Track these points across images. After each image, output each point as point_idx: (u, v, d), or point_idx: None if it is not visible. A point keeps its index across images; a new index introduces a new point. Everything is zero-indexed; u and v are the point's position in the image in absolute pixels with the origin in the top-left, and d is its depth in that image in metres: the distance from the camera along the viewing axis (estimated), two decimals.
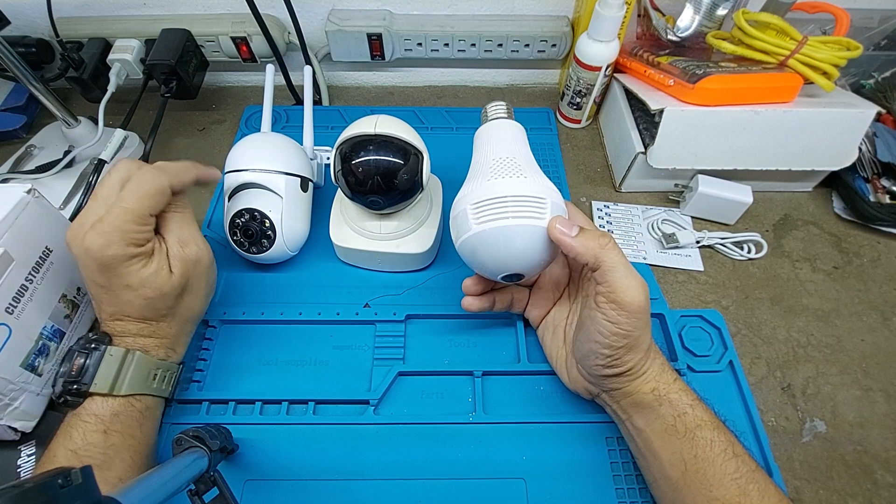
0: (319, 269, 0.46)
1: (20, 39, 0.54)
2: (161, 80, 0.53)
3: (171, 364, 0.35)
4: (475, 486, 0.35)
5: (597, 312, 0.31)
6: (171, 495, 0.24)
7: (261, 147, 0.42)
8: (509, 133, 0.36)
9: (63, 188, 0.49)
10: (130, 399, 0.32)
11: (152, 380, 0.33)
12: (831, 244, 0.50)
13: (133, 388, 0.32)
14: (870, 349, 0.43)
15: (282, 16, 0.56)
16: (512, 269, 0.33)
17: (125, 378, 0.32)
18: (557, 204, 0.32)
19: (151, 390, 0.33)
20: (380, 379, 0.39)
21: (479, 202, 0.32)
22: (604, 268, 0.30)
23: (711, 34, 0.50)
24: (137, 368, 0.32)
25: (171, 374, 0.35)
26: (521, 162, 0.33)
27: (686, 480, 0.30)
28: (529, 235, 0.31)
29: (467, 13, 0.58)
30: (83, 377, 0.31)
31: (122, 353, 0.32)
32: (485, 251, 0.32)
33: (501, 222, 0.31)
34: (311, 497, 0.35)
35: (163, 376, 0.34)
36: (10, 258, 0.33)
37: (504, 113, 0.37)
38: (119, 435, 0.31)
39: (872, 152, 0.49)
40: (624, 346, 0.31)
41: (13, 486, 0.17)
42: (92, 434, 0.30)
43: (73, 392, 0.31)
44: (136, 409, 0.33)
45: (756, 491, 0.28)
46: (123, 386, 0.32)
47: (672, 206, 0.52)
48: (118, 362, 0.32)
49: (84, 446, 0.30)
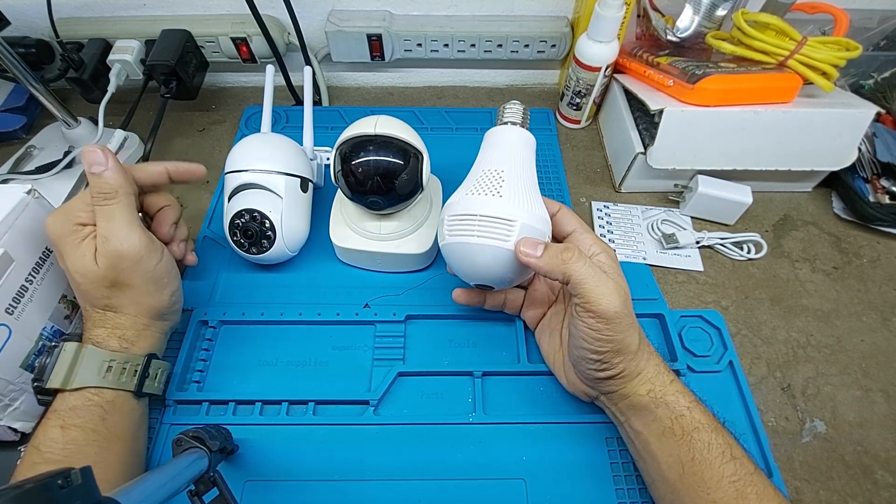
0: (319, 270, 0.46)
1: (20, 40, 0.54)
2: (161, 81, 0.53)
3: (132, 356, 0.34)
4: (475, 487, 0.35)
5: (578, 321, 0.31)
6: (171, 496, 0.24)
7: (261, 147, 0.42)
8: (510, 142, 0.36)
9: (63, 189, 0.49)
10: (86, 393, 0.32)
11: (106, 371, 0.33)
12: (831, 244, 0.50)
13: (85, 380, 0.32)
14: (870, 349, 0.43)
15: (282, 16, 0.56)
16: (480, 281, 0.35)
17: (77, 371, 0.32)
18: (529, 225, 0.32)
19: (108, 383, 0.33)
20: (380, 379, 0.39)
21: (453, 216, 0.34)
22: (573, 281, 0.30)
23: (711, 35, 0.50)
24: (88, 361, 0.32)
25: (133, 367, 0.34)
26: (509, 176, 0.33)
27: (684, 482, 0.30)
28: (492, 255, 0.33)
29: (467, 14, 0.58)
30: (43, 374, 0.32)
31: (75, 347, 0.32)
32: (454, 261, 0.35)
33: (467, 239, 0.33)
34: (311, 497, 0.35)
35: (121, 369, 0.33)
36: (10, 259, 0.33)
37: (515, 117, 0.36)
38: (79, 430, 0.31)
39: (872, 152, 0.49)
40: (610, 350, 0.31)
41: (13, 487, 0.17)
42: (51, 430, 0.31)
43: (38, 390, 0.32)
44: (96, 402, 0.32)
45: (754, 494, 0.28)
46: (76, 379, 0.32)
47: (672, 206, 0.52)
48: (71, 356, 0.32)
49: (45, 442, 0.30)
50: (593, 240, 0.34)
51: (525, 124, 0.36)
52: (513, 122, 0.36)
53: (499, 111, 0.37)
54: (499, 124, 0.37)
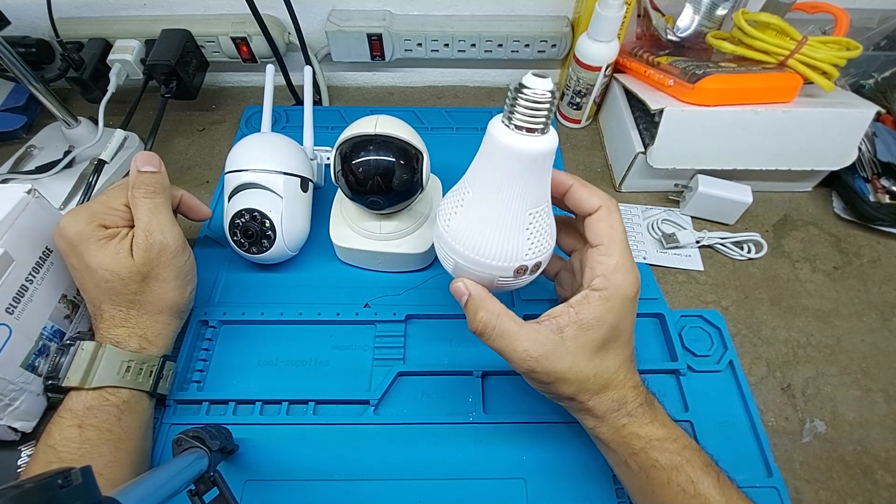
0: (319, 270, 0.46)
1: (20, 40, 0.54)
2: (161, 81, 0.53)
3: (149, 357, 0.35)
4: (475, 487, 0.35)
5: None
6: (172, 495, 0.24)
7: (261, 147, 0.42)
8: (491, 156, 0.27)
9: (63, 188, 0.49)
10: (103, 392, 0.32)
11: (125, 372, 0.33)
12: (831, 244, 0.50)
13: (104, 380, 0.32)
14: (869, 349, 0.43)
15: (282, 16, 0.56)
16: None
17: (96, 371, 0.32)
18: (463, 266, 0.30)
19: (126, 383, 0.33)
20: (380, 379, 0.39)
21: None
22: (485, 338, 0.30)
23: (711, 34, 0.50)
24: (108, 361, 0.33)
25: (150, 367, 0.35)
26: (471, 200, 0.28)
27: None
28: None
29: (467, 13, 0.58)
30: (58, 372, 0.32)
31: (93, 346, 0.33)
32: None
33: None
34: (311, 497, 0.35)
35: (138, 369, 0.34)
36: (10, 258, 0.33)
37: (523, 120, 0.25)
38: (95, 430, 0.31)
39: (872, 152, 0.49)
40: (543, 388, 0.31)
41: (13, 486, 0.17)
42: (68, 429, 0.31)
43: (52, 388, 0.32)
44: (112, 402, 0.33)
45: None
46: (94, 378, 0.32)
47: (672, 206, 0.52)
48: (90, 356, 0.32)
49: (60, 441, 0.30)
50: (615, 267, 0.29)
51: (544, 129, 0.26)
52: (518, 126, 0.25)
53: (508, 99, 0.26)
54: (502, 120, 0.26)
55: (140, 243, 0.34)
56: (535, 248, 0.29)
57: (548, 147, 0.26)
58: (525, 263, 0.29)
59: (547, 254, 0.30)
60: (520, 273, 0.30)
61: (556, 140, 0.26)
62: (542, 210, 0.28)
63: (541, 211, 0.28)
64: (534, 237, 0.29)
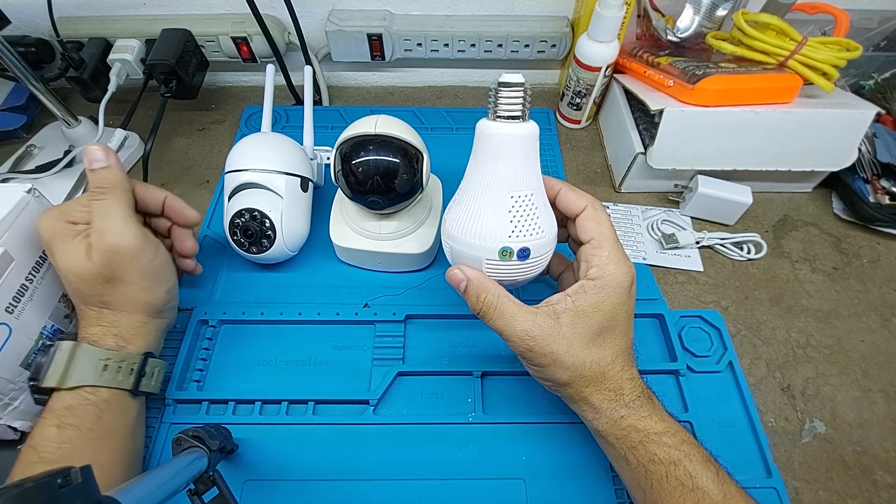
0: (319, 269, 0.46)
1: (20, 39, 0.54)
2: (161, 80, 0.53)
3: (128, 355, 0.34)
4: (475, 487, 0.35)
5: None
6: (171, 495, 0.25)
7: (261, 147, 0.42)
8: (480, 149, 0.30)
9: (63, 188, 0.49)
10: (82, 392, 0.32)
11: (103, 370, 0.33)
12: (831, 245, 0.50)
13: (81, 379, 0.32)
14: (869, 350, 0.43)
15: (282, 16, 0.56)
16: None
17: (73, 370, 0.32)
18: (459, 251, 0.32)
19: (105, 381, 0.33)
20: (379, 379, 0.39)
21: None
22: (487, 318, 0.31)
23: (711, 35, 0.50)
24: (84, 359, 0.32)
25: (129, 366, 0.34)
26: (463, 192, 0.32)
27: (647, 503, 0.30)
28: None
29: (467, 14, 0.58)
30: (39, 373, 0.32)
31: (70, 345, 0.32)
32: None
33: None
34: (311, 497, 0.35)
35: (116, 367, 0.33)
36: (10, 258, 0.33)
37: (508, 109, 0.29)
38: (75, 429, 0.31)
39: (872, 153, 0.49)
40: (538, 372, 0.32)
41: (13, 486, 0.17)
42: (48, 429, 0.31)
43: (34, 389, 0.32)
44: (91, 401, 0.32)
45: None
46: (72, 378, 0.32)
47: (672, 206, 0.52)
48: (67, 355, 0.32)
49: (41, 441, 0.30)
50: (608, 258, 0.30)
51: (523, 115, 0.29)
52: (499, 115, 0.29)
53: (490, 98, 0.29)
54: (486, 118, 0.30)
55: (94, 245, 0.33)
56: (519, 231, 0.30)
57: (525, 131, 0.29)
58: (509, 246, 0.30)
59: (536, 241, 0.31)
60: (507, 256, 0.30)
61: (536, 128, 0.30)
62: (526, 195, 0.30)
63: (525, 196, 0.30)
64: (517, 220, 0.30)
